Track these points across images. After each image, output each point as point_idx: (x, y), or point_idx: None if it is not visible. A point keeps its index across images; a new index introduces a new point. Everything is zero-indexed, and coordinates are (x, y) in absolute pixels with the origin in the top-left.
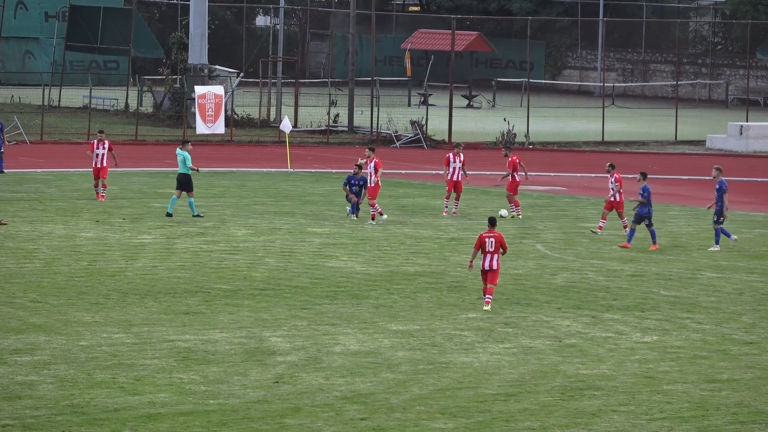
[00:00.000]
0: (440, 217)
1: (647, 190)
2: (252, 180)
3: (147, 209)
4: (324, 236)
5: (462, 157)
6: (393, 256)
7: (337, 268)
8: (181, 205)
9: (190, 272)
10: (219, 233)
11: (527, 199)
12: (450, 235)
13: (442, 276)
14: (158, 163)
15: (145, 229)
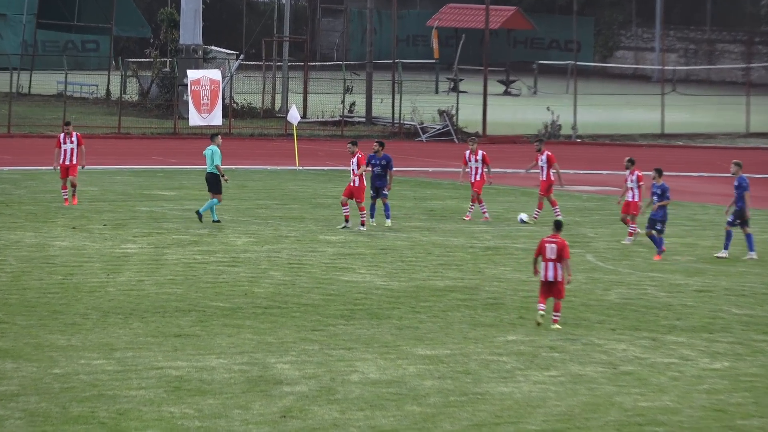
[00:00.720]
0: (475, 222)
1: (667, 189)
2: (254, 180)
3: (132, 214)
4: (338, 245)
5: (480, 153)
6: (419, 269)
7: (354, 282)
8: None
9: (182, 288)
10: (216, 242)
11: (575, 202)
12: (485, 244)
13: (476, 292)
14: (145, 160)
15: (129, 237)
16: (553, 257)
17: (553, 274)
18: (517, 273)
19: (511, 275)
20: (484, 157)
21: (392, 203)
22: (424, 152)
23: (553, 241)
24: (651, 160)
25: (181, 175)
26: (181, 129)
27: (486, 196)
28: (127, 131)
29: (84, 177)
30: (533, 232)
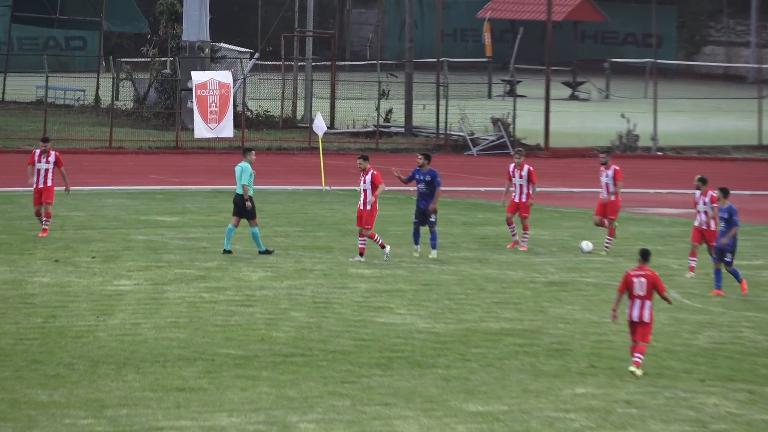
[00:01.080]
0: (535, 252)
1: (735, 212)
2: (272, 202)
3: (126, 243)
4: (373, 280)
5: (526, 169)
6: (469, 308)
7: (392, 324)
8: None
9: (186, 332)
10: (226, 276)
11: (655, 227)
12: (549, 278)
13: (538, 335)
14: (141, 179)
15: (123, 272)
16: (642, 294)
17: (639, 313)
18: (587, 313)
19: (579, 315)
20: (530, 173)
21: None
22: (474, 168)
23: (641, 274)
24: (747, 176)
25: (185, 197)
26: (184, 142)
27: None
28: (120, 145)
29: (69, 200)
30: (606, 264)
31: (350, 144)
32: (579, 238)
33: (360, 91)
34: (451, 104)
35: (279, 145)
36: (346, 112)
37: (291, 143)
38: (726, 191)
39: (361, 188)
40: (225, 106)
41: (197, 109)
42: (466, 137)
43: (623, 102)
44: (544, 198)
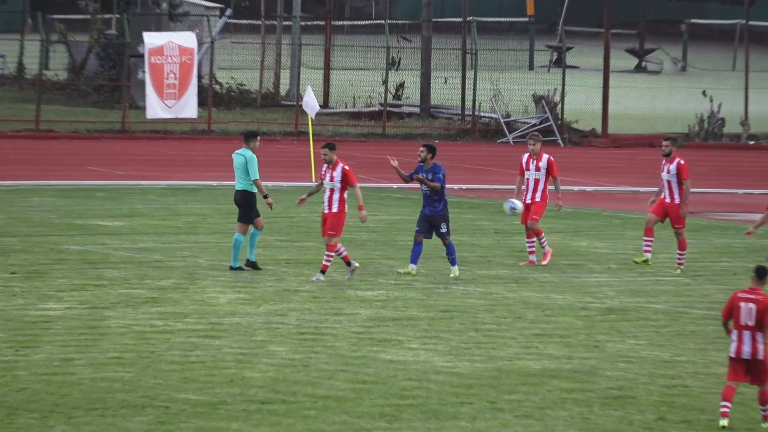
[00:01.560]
0: (588, 270)
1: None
2: None
3: (56, 255)
4: (377, 304)
5: (545, 159)
6: (502, 342)
7: (401, 362)
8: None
9: (132, 371)
10: (186, 299)
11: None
12: (606, 304)
13: (591, 378)
14: (77, 172)
15: (51, 292)
16: (751, 323)
17: (751, 348)
18: (656, 349)
19: (646, 352)
20: (549, 164)
21: (464, 239)
22: (510, 160)
23: (750, 297)
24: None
25: (133, 195)
26: (133, 124)
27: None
28: (50, 128)
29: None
30: (681, 285)
31: (349, 128)
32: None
33: (363, 60)
34: (481, 77)
35: (256, 128)
36: (345, 87)
37: (272, 126)
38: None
39: (327, 187)
40: (187, 78)
41: (151, 81)
42: (500, 120)
43: (705, 76)
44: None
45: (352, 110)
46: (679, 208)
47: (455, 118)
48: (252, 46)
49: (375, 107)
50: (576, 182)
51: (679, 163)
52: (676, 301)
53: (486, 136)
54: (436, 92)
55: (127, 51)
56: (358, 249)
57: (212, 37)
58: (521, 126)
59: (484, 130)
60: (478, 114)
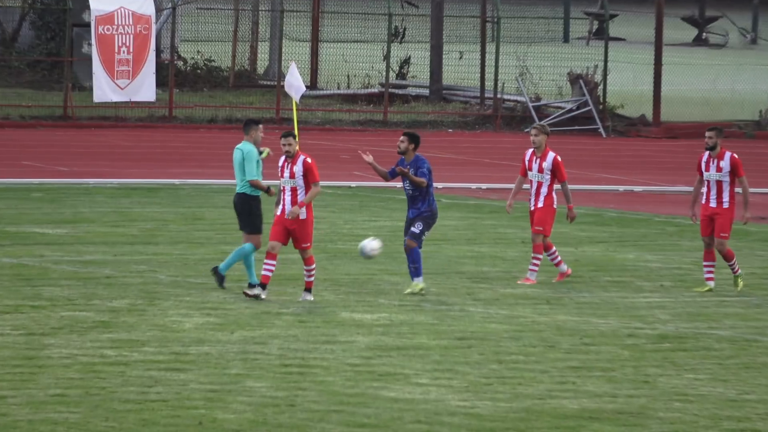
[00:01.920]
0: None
1: None
2: (216, 205)
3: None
4: (377, 330)
5: (551, 158)
6: (531, 377)
7: (408, 401)
8: None
9: (79, 411)
10: (144, 323)
11: None
12: (659, 330)
13: (641, 420)
14: (8, 168)
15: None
16: None
17: None
18: (719, 385)
19: (707, 389)
20: (555, 165)
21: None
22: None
23: None
24: None
25: (78, 196)
26: (78, 110)
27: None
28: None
29: None
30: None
31: (343, 114)
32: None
33: (359, 30)
34: (504, 52)
35: (229, 114)
36: (337, 64)
37: (248, 112)
38: None
39: (284, 184)
40: (143, 53)
41: (98, 56)
42: (528, 104)
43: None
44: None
45: (346, 92)
46: (730, 213)
47: (473, 102)
48: (223, 13)
49: (374, 89)
50: (621, 181)
51: (732, 157)
52: (744, 326)
53: (510, 123)
54: (449, 70)
55: (69, 19)
56: (354, 262)
57: (174, 1)
58: (554, 112)
59: (509, 116)
60: (501, 97)
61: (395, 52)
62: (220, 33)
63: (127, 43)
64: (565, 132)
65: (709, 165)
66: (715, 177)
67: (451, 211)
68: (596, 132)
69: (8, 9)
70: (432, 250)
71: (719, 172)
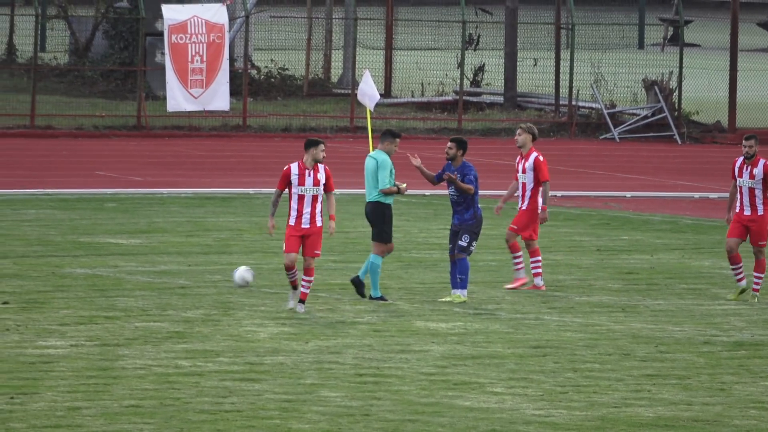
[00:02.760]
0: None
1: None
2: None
3: (57, 280)
4: (452, 339)
5: (532, 158)
6: (607, 385)
7: (483, 410)
8: None
9: (154, 422)
10: (218, 333)
11: None
12: (735, 337)
13: (718, 428)
14: (82, 178)
15: (53, 326)
16: None
17: None
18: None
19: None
20: (536, 166)
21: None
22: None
23: None
24: None
25: (152, 206)
26: (151, 119)
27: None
28: (49, 123)
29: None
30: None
31: (417, 122)
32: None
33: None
34: (579, 58)
35: (303, 123)
36: (411, 72)
37: (322, 120)
38: None
39: (308, 193)
40: (216, 62)
41: (172, 65)
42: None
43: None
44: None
45: (420, 100)
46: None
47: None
48: (296, 21)
49: (448, 96)
50: (696, 188)
51: (766, 165)
52: None
53: (586, 131)
54: (523, 77)
55: (143, 28)
56: (429, 271)
57: (247, 10)
58: (629, 118)
59: (584, 123)
60: (576, 104)
61: (469, 60)
62: (294, 41)
63: (200, 52)
64: (641, 139)
65: (742, 171)
66: (748, 184)
67: None
68: (671, 139)
69: (81, 19)
70: (507, 259)
71: (752, 179)
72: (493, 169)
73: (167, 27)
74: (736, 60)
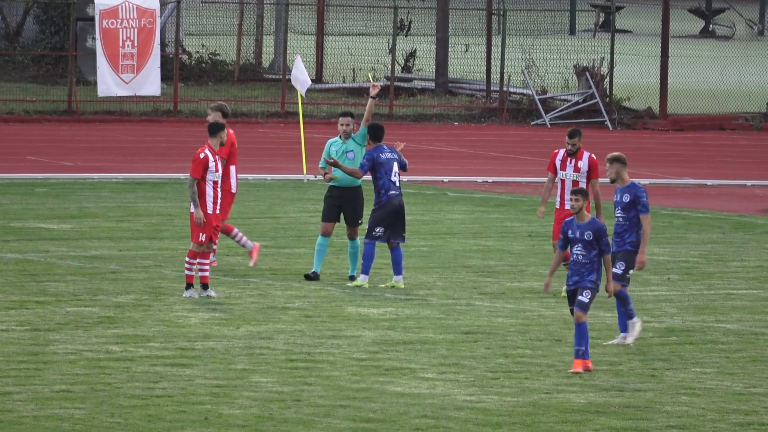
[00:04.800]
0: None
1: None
2: None
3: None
4: (383, 324)
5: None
6: (538, 371)
7: (414, 395)
8: None
9: (84, 407)
10: (148, 318)
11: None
12: (666, 323)
13: (647, 414)
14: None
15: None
16: None
17: None
18: (726, 378)
19: (713, 382)
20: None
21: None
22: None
23: None
24: None
25: (83, 191)
26: (82, 104)
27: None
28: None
29: None
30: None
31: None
32: (715, 259)
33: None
34: (510, 44)
35: (235, 108)
36: (342, 57)
37: (254, 106)
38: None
39: (217, 178)
40: (147, 47)
41: (103, 50)
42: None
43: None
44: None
45: (351, 86)
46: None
47: (479, 95)
48: (227, 6)
49: (380, 82)
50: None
51: (591, 156)
52: (751, 320)
53: (517, 117)
54: (454, 63)
55: (74, 13)
56: None
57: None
58: (560, 104)
59: (515, 109)
60: (507, 90)
61: (401, 45)
62: (225, 27)
63: (131, 37)
64: (571, 125)
65: (565, 164)
66: (572, 177)
67: (457, 204)
68: (603, 125)
69: (12, 3)
70: (438, 244)
71: (577, 173)
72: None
73: (98, 12)
74: (667, 46)
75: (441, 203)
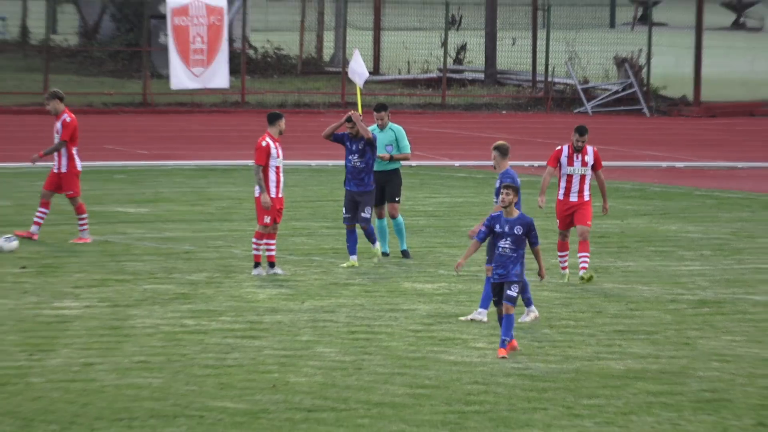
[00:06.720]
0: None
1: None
2: (288, 184)
3: (71, 247)
4: (437, 299)
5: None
6: (581, 340)
7: (466, 364)
8: None
9: (161, 376)
10: (221, 295)
11: None
12: (699, 296)
13: (681, 379)
14: (92, 152)
15: (67, 289)
16: None
17: None
18: (755, 346)
19: (743, 350)
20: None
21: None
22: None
23: None
24: None
25: (158, 177)
26: (155, 96)
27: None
28: None
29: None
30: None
31: (404, 98)
32: (744, 236)
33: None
34: (554, 37)
35: (297, 99)
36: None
37: (315, 97)
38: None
39: (279, 164)
40: (216, 42)
41: (174, 46)
42: (576, 87)
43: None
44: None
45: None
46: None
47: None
48: (290, 4)
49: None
50: (664, 157)
51: (596, 151)
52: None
53: (561, 105)
54: (502, 55)
55: (147, 11)
56: (415, 236)
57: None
58: (601, 93)
59: (559, 98)
60: (552, 80)
61: (452, 39)
62: (288, 23)
63: (201, 34)
64: (611, 112)
65: (572, 159)
66: (580, 171)
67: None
68: (640, 112)
69: (89, 2)
70: None
71: (584, 167)
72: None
73: (170, 10)
74: (701, 38)
75: (491, 186)
